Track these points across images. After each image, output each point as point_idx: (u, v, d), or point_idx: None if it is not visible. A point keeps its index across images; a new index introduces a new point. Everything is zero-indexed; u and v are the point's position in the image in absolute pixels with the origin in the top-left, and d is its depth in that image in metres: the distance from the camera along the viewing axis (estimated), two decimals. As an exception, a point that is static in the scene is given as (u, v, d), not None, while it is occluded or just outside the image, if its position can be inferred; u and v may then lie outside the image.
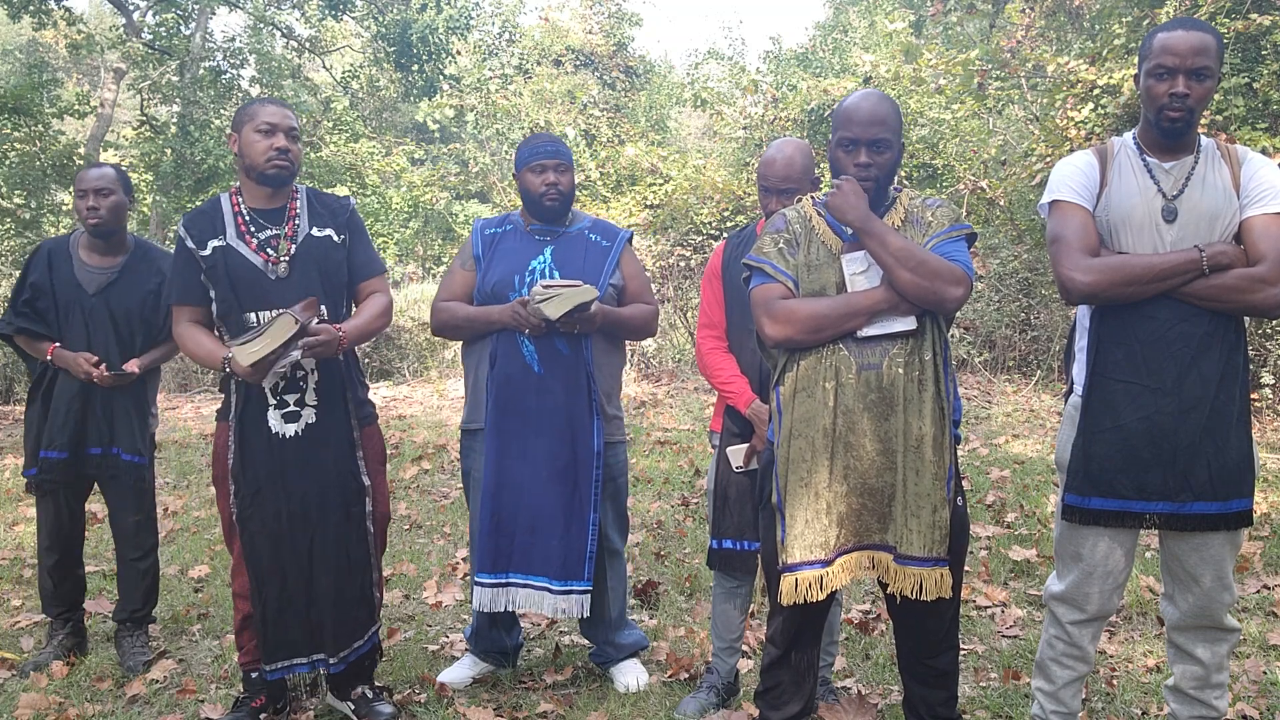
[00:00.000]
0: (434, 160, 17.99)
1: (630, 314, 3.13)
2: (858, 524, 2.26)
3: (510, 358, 3.00)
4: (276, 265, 2.78)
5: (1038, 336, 9.10)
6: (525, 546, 3.02)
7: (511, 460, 3.01)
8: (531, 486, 3.00)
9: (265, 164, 2.74)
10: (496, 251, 3.13)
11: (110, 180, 3.38)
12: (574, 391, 3.00)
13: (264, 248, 2.79)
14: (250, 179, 2.80)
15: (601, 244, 3.14)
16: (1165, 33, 2.26)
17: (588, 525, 3.01)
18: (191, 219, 2.81)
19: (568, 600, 3.00)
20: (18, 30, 23.89)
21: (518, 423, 3.00)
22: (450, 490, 6.00)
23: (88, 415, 3.34)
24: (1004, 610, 3.72)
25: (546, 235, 3.13)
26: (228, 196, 2.85)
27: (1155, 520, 2.28)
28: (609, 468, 3.11)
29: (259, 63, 14.08)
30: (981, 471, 5.91)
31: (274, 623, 2.80)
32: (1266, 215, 2.23)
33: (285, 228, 2.82)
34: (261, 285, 2.76)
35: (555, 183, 3.06)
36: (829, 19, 20.29)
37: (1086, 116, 7.46)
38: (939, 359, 2.27)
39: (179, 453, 7.26)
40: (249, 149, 2.76)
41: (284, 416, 2.76)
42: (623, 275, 3.15)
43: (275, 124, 2.75)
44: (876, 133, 2.28)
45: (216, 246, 2.76)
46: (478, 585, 3.02)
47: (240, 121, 2.78)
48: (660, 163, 11.56)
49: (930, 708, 2.41)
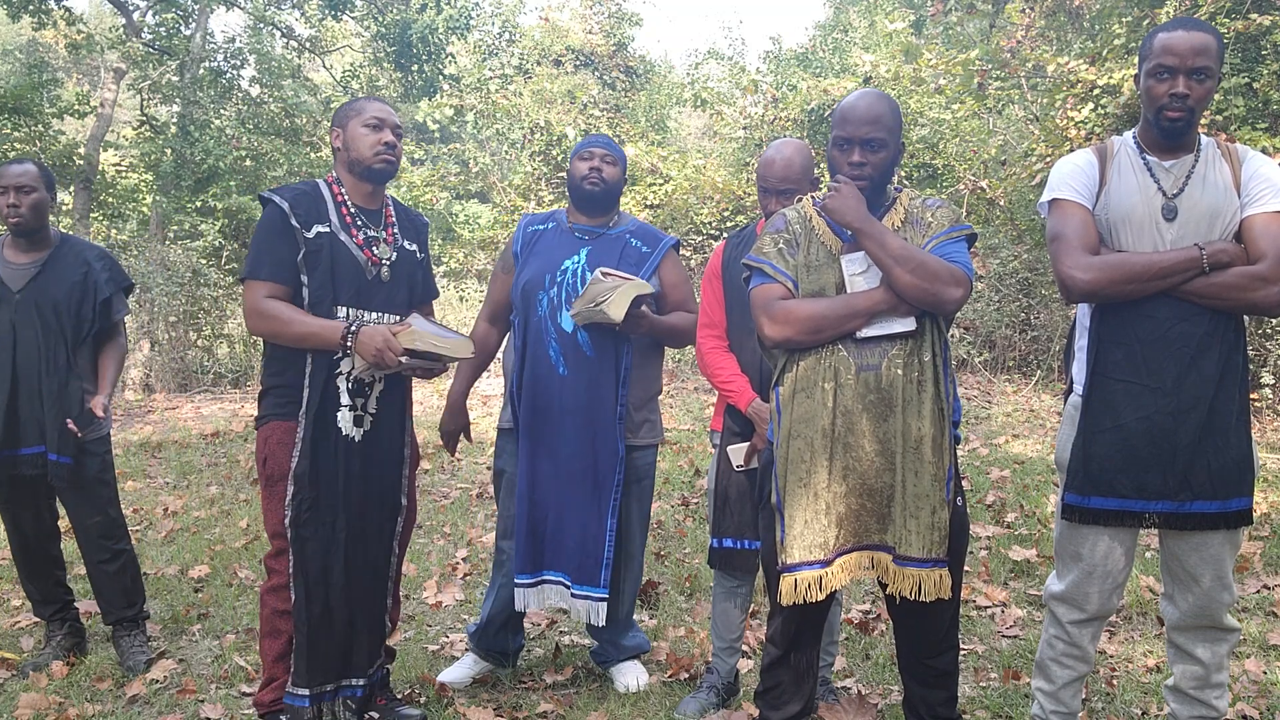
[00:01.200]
0: (434, 160, 18.00)
1: (672, 322, 3.09)
2: (857, 524, 2.26)
3: (538, 359, 3.00)
4: (379, 266, 2.74)
5: (1038, 336, 9.10)
6: (554, 544, 3.03)
7: (541, 461, 3.01)
8: (556, 486, 3.01)
9: (374, 158, 2.70)
10: (535, 249, 3.12)
11: (32, 177, 3.30)
12: (598, 394, 2.98)
13: (369, 245, 2.73)
14: (353, 174, 2.74)
15: (641, 249, 3.11)
16: (1165, 33, 2.25)
17: (605, 531, 3.00)
18: (295, 196, 2.68)
19: (583, 604, 3.01)
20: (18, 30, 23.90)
21: (544, 423, 3.00)
22: (450, 490, 6.01)
23: (18, 413, 3.27)
24: (1004, 610, 3.72)
25: (586, 235, 3.11)
26: (326, 185, 2.76)
27: (1155, 520, 2.28)
28: (635, 470, 3.09)
29: (259, 63, 14.07)
30: (981, 471, 5.91)
31: (317, 642, 2.66)
32: (1267, 214, 2.23)
33: (385, 233, 2.79)
34: (361, 282, 2.70)
35: (598, 168, 3.06)
36: (829, 19, 20.29)
37: (1086, 116, 7.47)
38: (938, 360, 2.27)
39: (179, 453, 7.26)
40: (356, 143, 2.71)
41: (354, 419, 2.69)
42: (663, 283, 3.12)
43: (383, 119, 2.71)
44: (871, 132, 2.28)
45: (322, 232, 2.66)
46: (518, 587, 3.02)
47: (345, 117, 2.75)
48: (660, 163, 11.57)
49: (930, 708, 2.41)
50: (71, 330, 3.32)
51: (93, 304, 3.36)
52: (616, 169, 3.11)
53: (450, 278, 12.86)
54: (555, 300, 3.00)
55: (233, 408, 9.43)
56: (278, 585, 2.70)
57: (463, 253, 13.28)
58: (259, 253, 2.65)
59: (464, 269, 12.95)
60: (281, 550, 2.67)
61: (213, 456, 7.13)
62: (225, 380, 10.86)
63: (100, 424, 3.40)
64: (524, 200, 12.92)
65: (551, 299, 3.01)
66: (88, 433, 3.34)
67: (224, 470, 6.68)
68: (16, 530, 3.44)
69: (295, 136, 13.62)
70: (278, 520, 2.66)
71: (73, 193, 12.43)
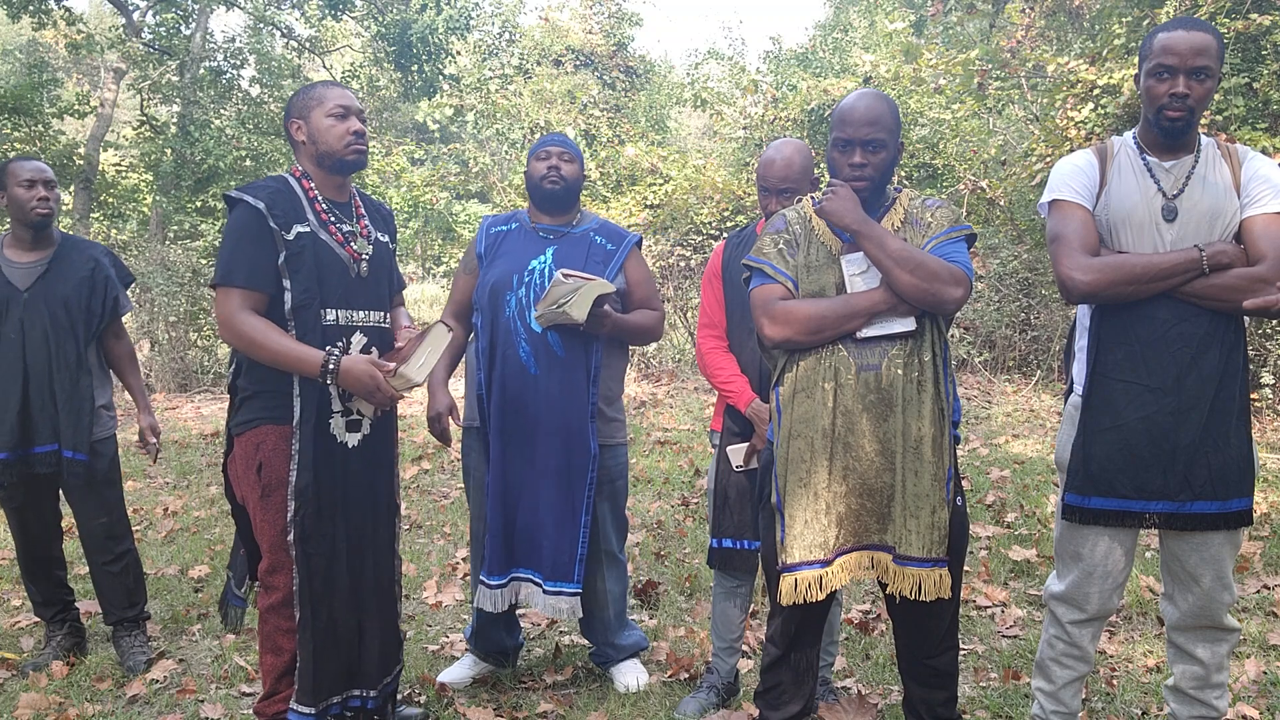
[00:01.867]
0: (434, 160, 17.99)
1: (636, 320, 3.11)
2: (857, 524, 2.26)
3: (508, 359, 3.00)
4: (359, 263, 2.63)
5: (1038, 336, 9.10)
6: (524, 543, 3.02)
7: (513, 461, 3.01)
8: (528, 486, 3.00)
9: (345, 149, 2.57)
10: (499, 250, 3.12)
11: (53, 173, 3.36)
12: (570, 393, 2.99)
13: (348, 242, 2.62)
14: (322, 168, 2.60)
15: (606, 247, 3.12)
16: (1165, 33, 2.25)
17: (579, 528, 3.00)
18: (270, 196, 2.50)
19: (556, 600, 3.00)
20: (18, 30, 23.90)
21: (516, 424, 3.00)
22: (450, 490, 6.01)
23: (30, 412, 3.27)
24: (1004, 610, 3.72)
25: (550, 235, 3.12)
26: (295, 180, 2.60)
27: (1155, 520, 2.28)
28: (607, 470, 3.10)
29: (259, 63, 14.08)
30: (981, 471, 5.91)
31: (323, 659, 2.55)
32: (1267, 215, 2.23)
33: (358, 225, 2.67)
34: (344, 282, 2.58)
35: (556, 166, 3.06)
36: (829, 19, 20.30)
37: (1086, 116, 7.46)
38: (938, 360, 2.27)
39: (179, 453, 7.26)
40: (324, 134, 2.56)
41: (348, 425, 2.59)
42: (627, 280, 3.13)
43: (347, 107, 2.58)
44: (870, 133, 2.28)
45: (302, 232, 2.50)
46: (483, 586, 3.01)
47: (305, 107, 2.58)
48: (660, 163, 11.56)
49: (930, 708, 2.41)
50: (82, 326, 3.34)
51: (102, 299, 3.38)
52: (574, 166, 3.11)
53: (450, 278, 12.86)
54: (524, 301, 3.00)
55: (233, 408, 9.41)
56: (277, 603, 2.54)
57: (462, 252, 13.27)
58: (233, 257, 2.46)
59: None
60: (279, 565, 2.52)
61: (213, 456, 7.13)
62: (225, 380, 10.84)
63: (107, 424, 3.42)
64: (524, 200, 12.89)
65: (520, 299, 3.01)
66: (95, 432, 3.35)
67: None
68: (21, 529, 3.44)
69: (295, 136, 13.60)
70: (275, 533, 2.51)
71: (73, 193, 12.44)
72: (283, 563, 2.52)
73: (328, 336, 2.53)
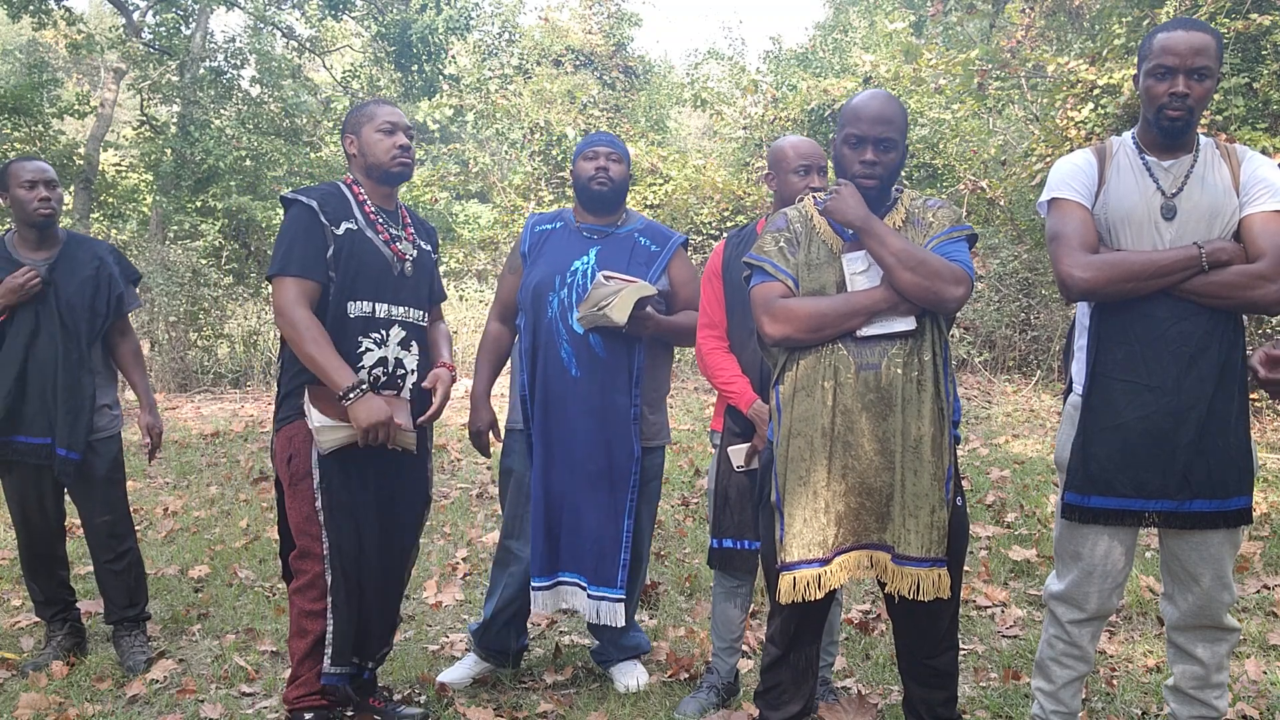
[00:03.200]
0: (434, 160, 17.98)
1: (681, 321, 3.09)
2: (856, 523, 2.26)
3: (550, 361, 3.00)
4: (404, 262, 2.80)
5: (1038, 336, 9.10)
6: (569, 546, 3.03)
7: (556, 463, 3.01)
8: (570, 489, 3.00)
9: (391, 161, 2.76)
10: (543, 249, 3.11)
11: (54, 173, 3.38)
12: (611, 395, 2.98)
13: (394, 241, 2.79)
14: (371, 178, 2.80)
15: (650, 248, 3.11)
16: (1165, 33, 2.26)
17: (622, 532, 3.00)
18: (321, 196, 2.72)
19: (599, 605, 3.00)
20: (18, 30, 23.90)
21: (558, 425, 3.00)
22: (450, 490, 6.01)
23: (23, 402, 3.28)
24: (1004, 610, 3.72)
25: (594, 235, 3.11)
26: (346, 187, 2.81)
27: (1155, 519, 2.28)
28: (645, 471, 3.09)
29: (259, 63, 14.08)
30: (981, 471, 5.91)
31: (344, 630, 2.70)
32: (1266, 213, 2.23)
33: (404, 231, 2.85)
34: (387, 278, 2.75)
35: (605, 167, 3.06)
36: (829, 19, 20.31)
37: (1086, 116, 7.47)
38: (938, 359, 2.27)
39: (179, 453, 7.26)
40: (372, 148, 2.76)
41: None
42: (672, 281, 3.12)
43: (395, 123, 2.77)
44: (884, 131, 2.28)
45: (350, 229, 2.71)
46: (534, 590, 3.02)
47: (357, 123, 2.79)
48: (660, 163, 11.57)
49: (930, 708, 2.41)
50: (86, 325, 3.35)
51: (106, 298, 3.39)
52: (622, 166, 3.10)
53: (450, 277, 12.86)
54: (566, 301, 3.00)
55: (233, 408, 9.42)
56: (304, 585, 2.70)
57: (463, 252, 13.28)
58: (289, 248, 2.66)
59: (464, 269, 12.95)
60: (308, 550, 2.69)
61: (213, 456, 7.13)
62: (225, 380, 10.86)
63: (110, 423, 3.42)
64: (524, 200, 12.92)
65: (562, 300, 3.00)
66: (97, 432, 3.36)
67: (224, 470, 6.69)
68: (24, 527, 3.45)
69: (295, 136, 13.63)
70: (303, 516, 2.67)
71: (73, 193, 12.44)
72: (310, 549, 2.69)
73: (367, 327, 2.71)
